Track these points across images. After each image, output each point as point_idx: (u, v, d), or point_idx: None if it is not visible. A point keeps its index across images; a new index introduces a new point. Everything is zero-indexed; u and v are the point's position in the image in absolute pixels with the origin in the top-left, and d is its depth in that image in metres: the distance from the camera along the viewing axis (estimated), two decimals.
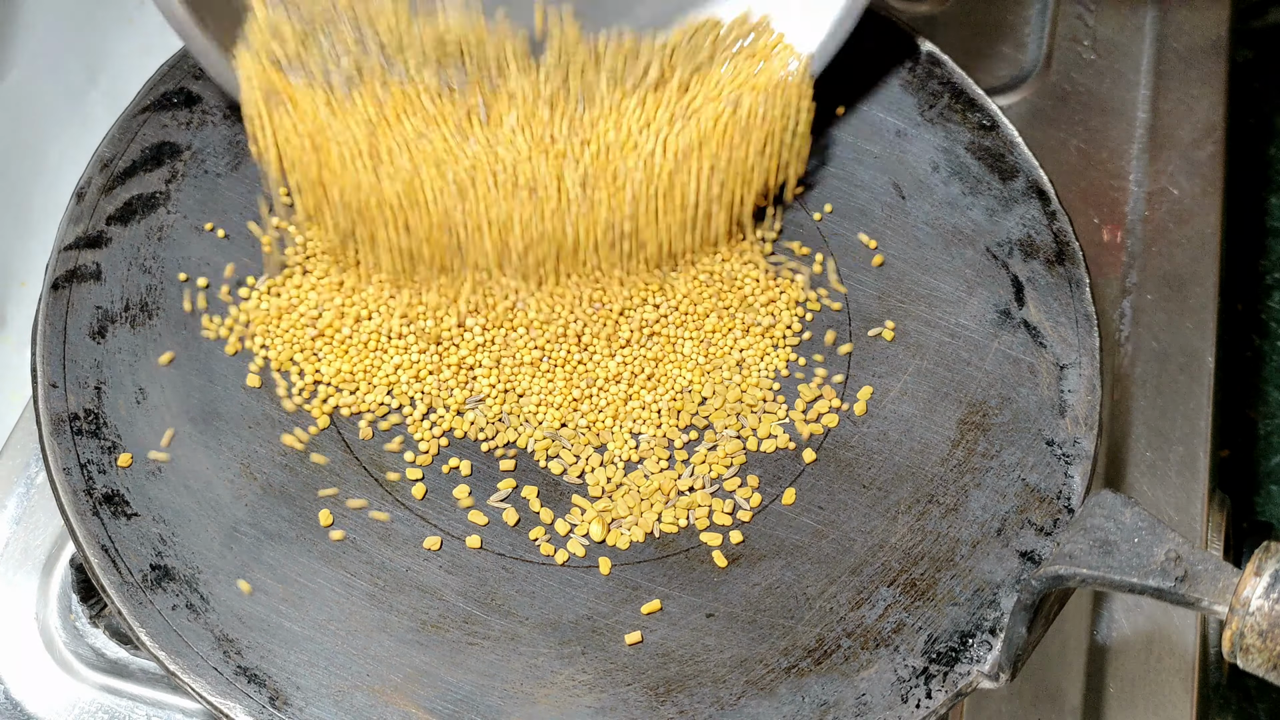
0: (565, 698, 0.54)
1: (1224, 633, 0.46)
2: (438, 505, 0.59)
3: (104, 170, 0.63)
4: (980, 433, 0.60)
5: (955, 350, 0.62)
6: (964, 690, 0.54)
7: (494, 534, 0.58)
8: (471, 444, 0.60)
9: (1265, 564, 0.46)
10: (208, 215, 0.63)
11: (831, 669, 0.55)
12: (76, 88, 0.94)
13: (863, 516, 0.58)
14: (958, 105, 0.67)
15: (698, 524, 0.59)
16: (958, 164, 0.66)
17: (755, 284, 0.64)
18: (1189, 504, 0.72)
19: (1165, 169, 0.82)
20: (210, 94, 0.66)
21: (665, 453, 0.60)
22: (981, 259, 0.64)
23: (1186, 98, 0.84)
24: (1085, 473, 0.59)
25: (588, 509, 0.59)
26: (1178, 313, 0.77)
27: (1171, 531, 0.48)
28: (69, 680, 0.64)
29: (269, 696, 0.53)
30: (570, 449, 0.60)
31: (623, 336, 0.62)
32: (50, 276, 0.61)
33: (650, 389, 0.61)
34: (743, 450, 0.60)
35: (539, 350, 0.61)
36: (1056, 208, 0.65)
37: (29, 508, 0.68)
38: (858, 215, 0.66)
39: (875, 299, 0.64)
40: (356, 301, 0.62)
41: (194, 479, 0.57)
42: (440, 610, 0.56)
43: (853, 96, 0.68)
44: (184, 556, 0.56)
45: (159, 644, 0.54)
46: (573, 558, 0.58)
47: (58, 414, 0.58)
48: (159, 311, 0.61)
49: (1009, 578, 0.56)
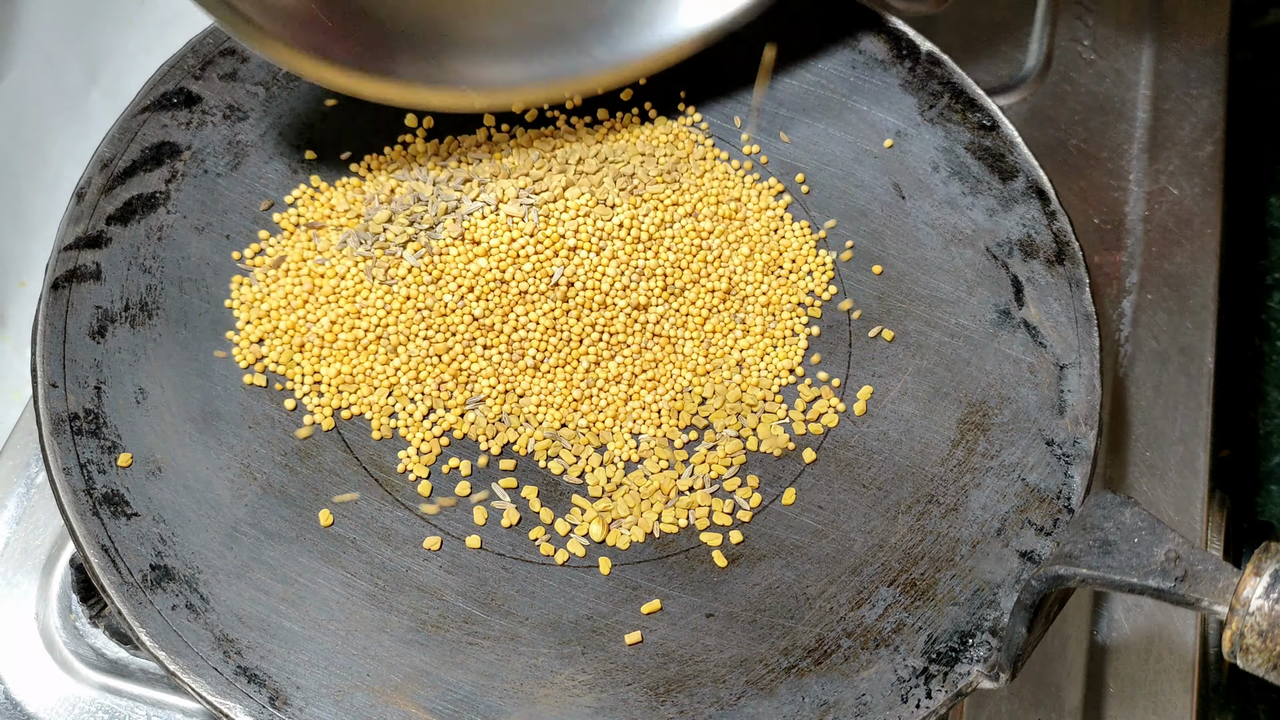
0: (565, 698, 0.54)
1: (1224, 633, 0.46)
2: (438, 505, 0.59)
3: (104, 170, 0.63)
4: (980, 433, 0.60)
5: (955, 350, 0.62)
6: (964, 690, 0.54)
7: (494, 534, 0.58)
8: (471, 444, 0.60)
9: (1265, 564, 0.46)
10: (208, 215, 0.63)
11: (831, 669, 0.55)
12: (76, 88, 0.94)
13: (863, 516, 0.58)
14: (958, 105, 0.67)
15: (698, 524, 0.59)
16: (958, 164, 0.66)
17: (756, 284, 0.64)
18: (1189, 504, 0.72)
19: (1165, 169, 0.82)
20: (210, 94, 0.66)
21: (665, 453, 0.60)
22: (981, 259, 0.64)
23: (1186, 98, 0.84)
24: (1085, 473, 0.59)
25: (588, 509, 0.59)
26: (1178, 313, 0.77)
27: (1171, 531, 0.48)
28: (69, 680, 0.64)
29: (269, 696, 0.53)
30: (570, 449, 0.60)
31: (622, 338, 0.62)
32: (50, 276, 0.61)
33: (650, 389, 0.61)
34: (743, 450, 0.60)
35: (539, 352, 0.61)
36: (1056, 208, 0.65)
37: (29, 508, 0.68)
38: (858, 215, 0.66)
39: (875, 299, 0.64)
40: (357, 301, 0.62)
41: (194, 479, 0.57)
42: (440, 610, 0.56)
43: (853, 96, 0.68)
44: (184, 556, 0.56)
45: (159, 644, 0.54)
46: (573, 558, 0.58)
47: (58, 414, 0.58)
48: (159, 311, 0.61)
49: (1009, 578, 0.56)
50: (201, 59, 0.66)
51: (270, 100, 0.66)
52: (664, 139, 0.67)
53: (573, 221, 0.63)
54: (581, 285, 0.62)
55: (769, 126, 0.68)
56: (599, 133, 0.67)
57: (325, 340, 0.61)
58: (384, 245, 0.62)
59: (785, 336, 0.63)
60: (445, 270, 0.62)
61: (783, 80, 0.69)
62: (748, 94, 0.69)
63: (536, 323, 0.61)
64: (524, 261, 0.62)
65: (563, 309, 0.62)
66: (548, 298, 0.62)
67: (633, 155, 0.66)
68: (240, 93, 0.66)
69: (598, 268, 0.62)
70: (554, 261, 0.62)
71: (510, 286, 0.62)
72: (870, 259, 0.65)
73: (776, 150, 0.67)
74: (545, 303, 0.62)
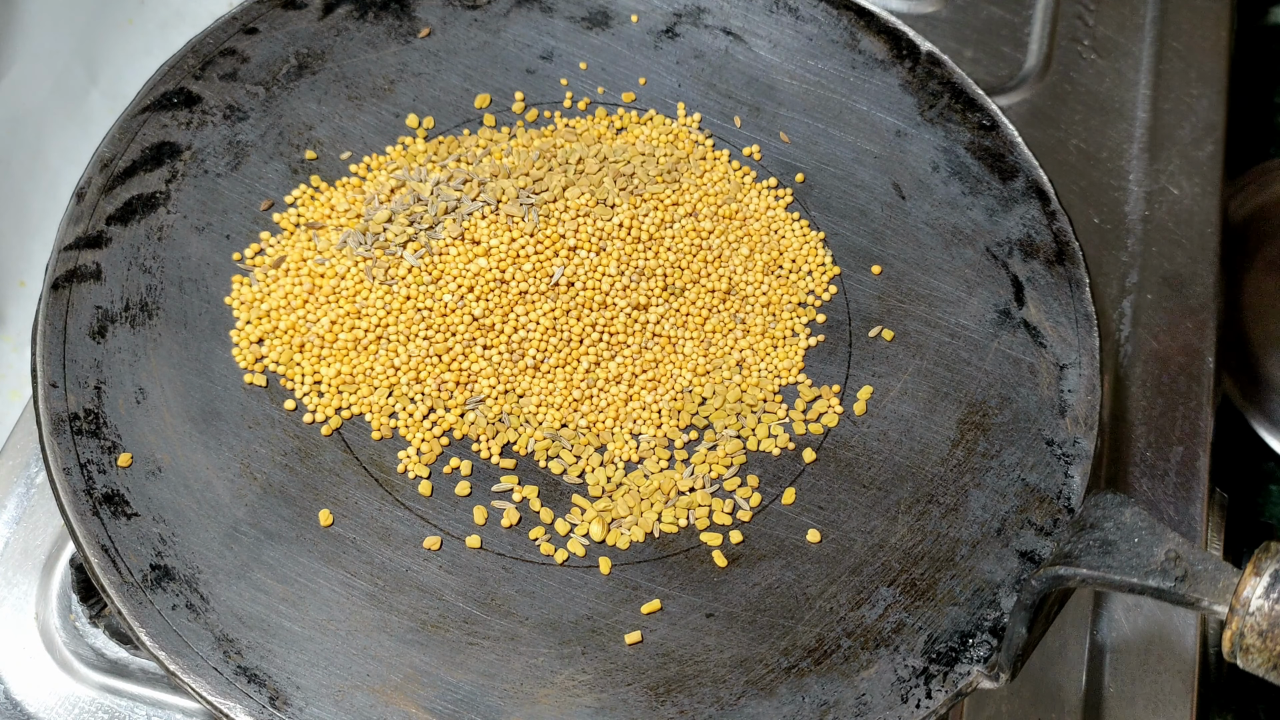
0: (565, 698, 0.54)
1: (1224, 633, 0.46)
2: (438, 505, 0.59)
3: (104, 170, 0.63)
4: (980, 433, 0.60)
5: (955, 350, 0.62)
6: (964, 690, 0.54)
7: (494, 534, 0.58)
8: (471, 444, 0.60)
9: (1265, 564, 0.46)
10: (208, 215, 0.63)
11: (831, 669, 0.55)
12: (76, 88, 0.94)
13: (863, 516, 0.58)
14: (958, 105, 0.67)
15: (698, 524, 0.59)
16: (958, 164, 0.66)
17: (756, 284, 0.64)
18: (1189, 504, 0.72)
19: (1165, 169, 0.82)
20: (210, 94, 0.66)
21: (665, 453, 0.60)
22: (981, 259, 0.64)
23: (1186, 98, 0.84)
24: (1085, 473, 0.59)
25: (588, 509, 0.59)
26: (1178, 313, 0.77)
27: (1171, 531, 0.48)
28: (69, 680, 0.64)
29: (269, 696, 0.53)
30: (570, 449, 0.60)
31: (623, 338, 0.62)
32: (50, 276, 0.61)
33: (650, 389, 0.61)
34: (743, 450, 0.60)
35: (539, 352, 0.61)
36: (1056, 208, 0.65)
37: (29, 508, 0.68)
38: (858, 215, 0.66)
39: (875, 299, 0.64)
40: (357, 301, 0.62)
41: (194, 479, 0.57)
42: (440, 610, 0.56)
43: (853, 96, 0.68)
44: (184, 556, 0.56)
45: (159, 644, 0.54)
46: (573, 557, 0.58)
47: (58, 414, 0.58)
48: (159, 311, 0.61)
49: (1009, 578, 0.56)
50: (201, 59, 0.66)
51: (270, 100, 0.66)
52: (664, 139, 0.67)
53: (573, 222, 0.63)
54: (581, 285, 0.62)
55: (769, 126, 0.68)
56: (598, 132, 0.67)
57: (325, 340, 0.61)
58: (384, 245, 0.62)
59: (785, 337, 0.63)
60: (445, 270, 0.62)
61: (783, 80, 0.69)
62: (747, 93, 0.69)
63: (536, 323, 0.61)
64: (524, 261, 0.62)
65: (563, 309, 0.62)
66: (548, 298, 0.62)
67: (633, 155, 0.66)
68: (240, 93, 0.66)
69: (597, 268, 0.62)
70: (554, 261, 0.62)
71: (510, 286, 0.62)
72: (870, 259, 0.65)
73: (776, 150, 0.67)
74: (545, 303, 0.62)
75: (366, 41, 0.68)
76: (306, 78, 0.67)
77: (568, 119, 0.68)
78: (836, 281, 0.64)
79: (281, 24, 0.68)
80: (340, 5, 0.68)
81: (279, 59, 0.67)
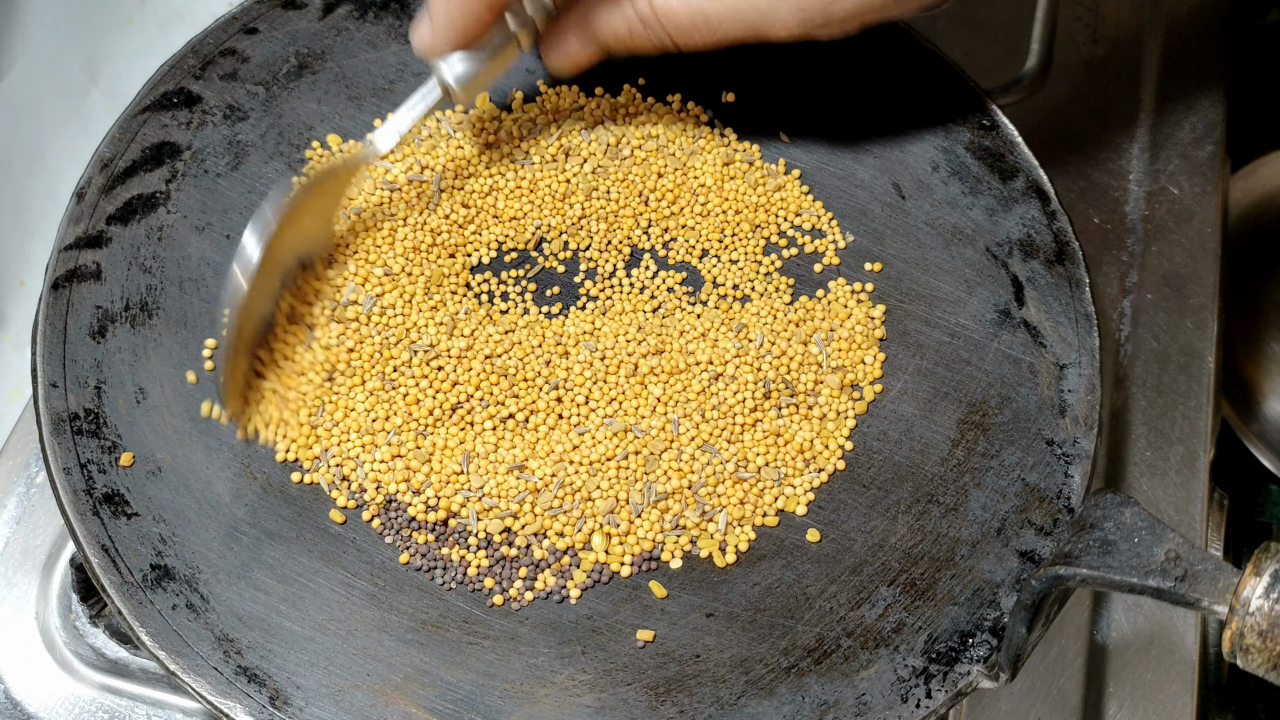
0: (565, 698, 0.54)
1: (1224, 633, 0.46)
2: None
3: (104, 170, 0.63)
4: (980, 432, 0.60)
5: (955, 350, 0.62)
6: (964, 690, 0.54)
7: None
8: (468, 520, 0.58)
9: (1265, 564, 0.46)
10: (208, 215, 0.63)
11: (831, 669, 0.55)
12: (76, 88, 0.94)
13: (863, 516, 0.58)
14: (958, 105, 0.67)
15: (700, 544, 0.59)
16: (958, 164, 0.66)
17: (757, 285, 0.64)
18: (1189, 504, 0.72)
19: (1165, 169, 0.82)
20: (210, 94, 0.66)
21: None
22: (981, 259, 0.64)
23: (1186, 98, 0.84)
24: (1085, 473, 0.59)
25: (584, 560, 0.58)
26: (1178, 313, 0.77)
27: (1171, 531, 0.48)
28: (69, 680, 0.64)
29: (269, 696, 0.53)
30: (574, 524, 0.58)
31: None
32: (50, 276, 0.61)
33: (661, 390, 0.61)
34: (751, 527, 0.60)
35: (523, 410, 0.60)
36: (1056, 208, 0.65)
37: (29, 508, 0.68)
38: (858, 215, 0.66)
39: (875, 299, 0.64)
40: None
41: (194, 479, 0.57)
42: (440, 610, 0.56)
43: (852, 96, 0.68)
44: (184, 556, 0.56)
45: (159, 644, 0.54)
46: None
47: (58, 414, 0.58)
48: (159, 311, 0.61)
49: (1009, 578, 0.57)
50: (201, 59, 0.66)
51: (270, 100, 0.66)
52: (670, 134, 0.67)
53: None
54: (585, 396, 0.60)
55: (769, 126, 0.68)
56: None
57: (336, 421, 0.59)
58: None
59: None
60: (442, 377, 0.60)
61: (783, 80, 0.69)
62: (746, 93, 0.69)
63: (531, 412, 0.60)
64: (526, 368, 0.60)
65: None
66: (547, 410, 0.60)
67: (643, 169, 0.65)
68: (240, 93, 0.66)
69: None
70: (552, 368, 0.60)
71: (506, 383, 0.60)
72: (870, 259, 0.65)
73: (777, 150, 0.67)
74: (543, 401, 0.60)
75: (366, 41, 0.68)
76: (307, 78, 0.67)
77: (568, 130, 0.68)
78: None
79: (281, 24, 0.68)
80: (340, 5, 0.68)
81: (279, 59, 0.67)
